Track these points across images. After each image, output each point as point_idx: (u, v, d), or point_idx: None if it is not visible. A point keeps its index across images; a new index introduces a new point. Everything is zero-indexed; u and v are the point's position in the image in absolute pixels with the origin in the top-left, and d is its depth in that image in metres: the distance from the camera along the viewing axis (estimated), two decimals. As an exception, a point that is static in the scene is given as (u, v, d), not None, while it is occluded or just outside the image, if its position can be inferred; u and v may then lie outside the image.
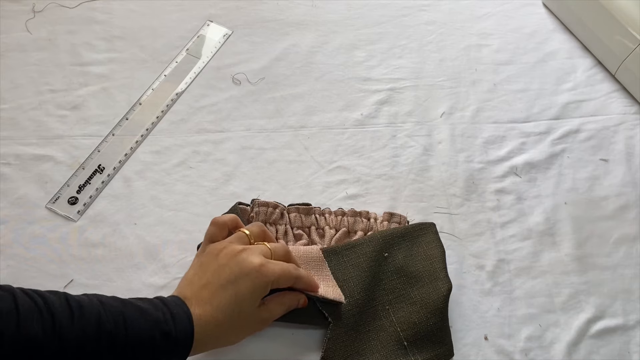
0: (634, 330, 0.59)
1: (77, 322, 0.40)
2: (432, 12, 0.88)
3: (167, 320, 0.44)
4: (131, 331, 0.42)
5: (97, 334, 0.41)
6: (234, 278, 0.47)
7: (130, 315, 0.43)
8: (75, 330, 0.40)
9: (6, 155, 0.66)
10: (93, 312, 0.42)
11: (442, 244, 0.59)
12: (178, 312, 0.45)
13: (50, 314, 0.40)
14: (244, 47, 0.80)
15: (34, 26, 0.79)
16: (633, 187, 0.70)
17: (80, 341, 0.40)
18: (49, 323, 0.39)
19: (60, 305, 0.41)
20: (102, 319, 0.42)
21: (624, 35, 0.76)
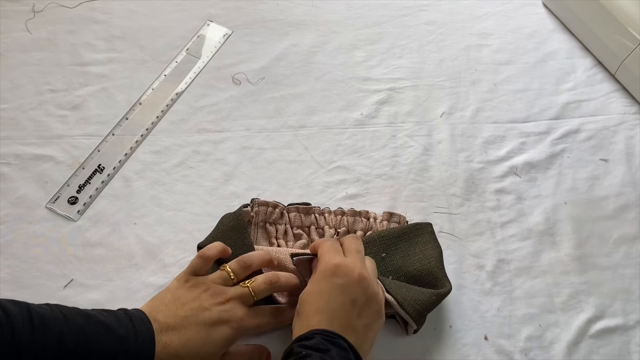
0: (634, 330, 0.59)
1: (38, 337, 0.40)
2: (432, 12, 0.88)
3: (129, 337, 0.44)
4: (93, 349, 0.42)
5: (57, 350, 0.40)
6: (213, 323, 0.47)
7: (93, 332, 0.43)
8: (34, 345, 0.39)
9: (6, 155, 0.66)
10: (55, 328, 0.41)
11: (439, 244, 0.59)
12: (141, 330, 0.45)
13: (10, 329, 0.39)
14: (244, 47, 0.80)
15: (34, 26, 0.79)
16: (633, 187, 0.70)
17: (38, 356, 0.39)
18: (7, 336, 0.38)
19: (22, 319, 0.40)
20: (64, 336, 0.41)
21: (624, 35, 0.76)
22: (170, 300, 0.49)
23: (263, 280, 0.51)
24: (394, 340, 0.56)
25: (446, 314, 0.58)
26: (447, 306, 0.59)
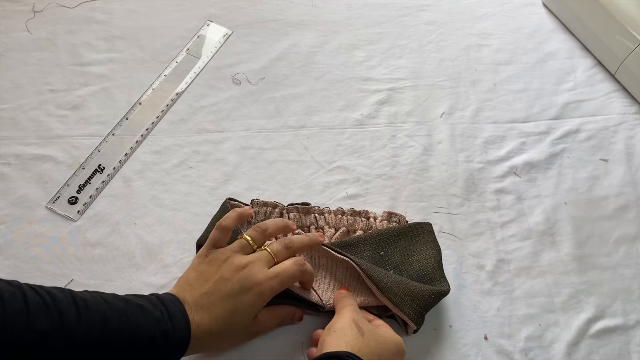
0: (633, 330, 0.59)
1: (84, 320, 0.41)
2: (432, 12, 0.88)
3: (165, 319, 0.45)
4: (134, 329, 0.43)
5: (103, 332, 0.42)
6: (236, 293, 0.48)
7: (133, 314, 0.44)
8: (81, 328, 0.41)
9: (6, 155, 0.66)
10: (98, 310, 0.43)
11: (438, 245, 0.59)
12: (175, 312, 0.46)
13: (58, 312, 0.40)
14: (244, 47, 0.80)
15: (34, 26, 0.79)
16: (633, 187, 0.70)
17: (86, 338, 0.41)
18: (57, 321, 0.40)
19: (68, 304, 0.42)
20: (107, 317, 0.42)
21: (624, 35, 0.76)
22: (194, 279, 0.50)
23: (278, 243, 0.53)
24: (394, 340, 0.56)
25: (446, 314, 0.58)
26: (447, 306, 0.59)
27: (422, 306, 0.53)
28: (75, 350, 0.40)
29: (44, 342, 0.39)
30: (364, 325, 0.49)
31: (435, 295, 0.54)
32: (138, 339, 0.43)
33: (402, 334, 0.56)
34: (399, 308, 0.52)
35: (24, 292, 0.40)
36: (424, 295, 0.53)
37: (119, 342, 0.42)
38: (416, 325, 0.53)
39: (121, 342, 0.43)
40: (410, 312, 0.52)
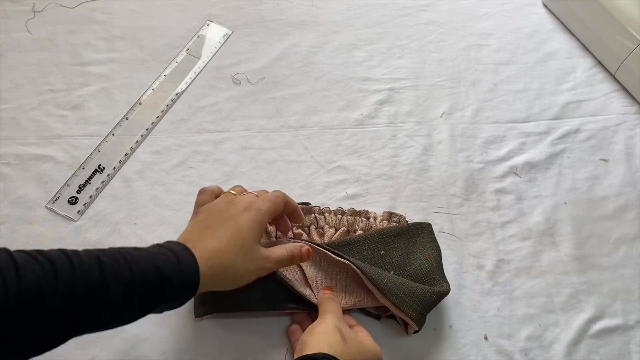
0: (633, 330, 0.59)
1: (77, 265, 0.39)
2: (432, 12, 0.88)
3: (167, 254, 0.44)
4: (135, 268, 0.41)
5: (101, 274, 0.40)
6: (232, 215, 0.49)
7: (130, 254, 0.42)
8: (76, 272, 0.39)
9: (6, 155, 0.66)
10: (92, 254, 0.41)
11: (438, 245, 0.59)
12: (175, 247, 0.45)
13: (49, 261, 0.39)
14: (244, 47, 0.80)
15: (34, 26, 0.79)
16: (633, 187, 0.70)
17: (85, 280, 0.39)
18: (49, 270, 0.38)
19: (56, 254, 0.40)
20: (103, 261, 0.40)
21: (624, 35, 0.77)
22: (190, 229, 0.50)
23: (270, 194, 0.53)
24: (394, 340, 0.56)
25: (446, 314, 0.58)
26: (447, 306, 0.59)
27: (423, 307, 0.53)
28: (75, 297, 0.38)
29: (37, 290, 0.37)
30: (346, 332, 0.49)
31: (435, 296, 0.54)
32: (143, 274, 0.41)
33: (402, 334, 0.56)
34: (401, 309, 0.52)
35: (7, 251, 0.38)
36: (424, 296, 0.53)
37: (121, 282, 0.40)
38: (418, 326, 0.53)
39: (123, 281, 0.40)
40: (412, 313, 0.52)
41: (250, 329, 0.56)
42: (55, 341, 0.39)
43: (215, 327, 0.56)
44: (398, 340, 0.56)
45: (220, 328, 0.55)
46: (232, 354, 0.54)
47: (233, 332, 0.55)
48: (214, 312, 0.54)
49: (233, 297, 0.54)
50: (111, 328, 0.43)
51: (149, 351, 0.54)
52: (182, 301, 0.45)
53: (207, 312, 0.54)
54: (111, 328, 0.43)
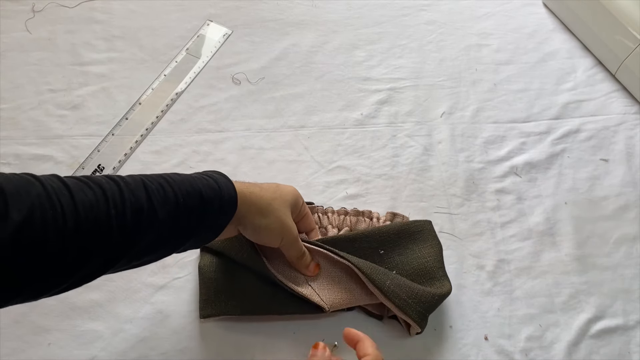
0: (634, 330, 0.59)
1: (124, 187, 0.40)
2: (432, 12, 0.88)
3: (207, 178, 0.46)
4: (177, 188, 0.43)
5: (147, 194, 0.41)
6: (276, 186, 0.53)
7: (171, 177, 0.44)
8: (124, 195, 0.40)
9: (6, 155, 0.66)
10: (136, 179, 0.42)
11: (438, 242, 0.59)
12: (214, 175, 0.47)
13: (97, 185, 0.40)
14: (243, 46, 0.80)
15: (34, 26, 0.79)
16: (633, 187, 0.70)
17: (132, 203, 0.40)
18: (99, 192, 0.39)
19: (103, 178, 0.41)
20: (148, 185, 0.42)
21: (624, 35, 0.76)
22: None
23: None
24: (395, 340, 0.56)
25: (446, 314, 0.58)
26: (447, 306, 0.59)
27: (425, 309, 0.53)
28: (125, 217, 0.39)
29: (91, 211, 0.38)
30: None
31: (438, 297, 0.54)
32: (185, 195, 0.43)
33: (403, 335, 0.56)
34: (404, 312, 0.52)
35: (57, 176, 0.39)
36: (427, 298, 0.53)
37: (166, 201, 0.42)
38: (420, 328, 0.53)
39: (168, 201, 0.42)
40: (415, 316, 0.52)
41: (250, 329, 0.55)
42: (107, 265, 0.40)
43: (215, 327, 0.56)
44: (399, 341, 0.56)
45: (220, 328, 0.55)
46: (232, 354, 0.54)
47: (233, 332, 0.55)
48: (220, 315, 0.55)
49: (239, 300, 0.54)
50: (154, 259, 0.44)
51: (149, 351, 0.54)
52: (219, 227, 0.47)
53: (213, 314, 0.54)
54: (154, 259, 0.44)
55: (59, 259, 0.36)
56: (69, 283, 0.39)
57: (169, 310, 0.57)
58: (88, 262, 0.38)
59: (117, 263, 0.40)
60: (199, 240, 0.47)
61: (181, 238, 0.44)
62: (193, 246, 0.47)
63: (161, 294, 0.58)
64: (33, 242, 0.34)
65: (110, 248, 0.39)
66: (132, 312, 0.56)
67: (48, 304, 0.56)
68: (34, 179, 0.37)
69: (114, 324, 0.55)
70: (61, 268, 0.37)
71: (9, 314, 0.55)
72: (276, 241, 0.52)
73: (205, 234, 0.47)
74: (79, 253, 0.37)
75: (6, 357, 0.53)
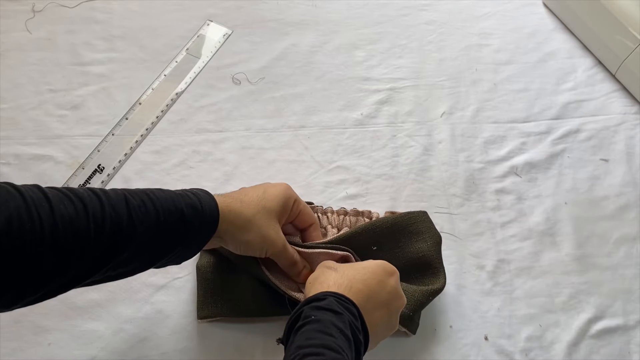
0: (634, 330, 0.59)
1: (106, 202, 0.40)
2: (432, 12, 0.88)
3: (190, 197, 0.45)
4: (159, 205, 0.43)
5: (127, 210, 0.41)
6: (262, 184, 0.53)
7: (154, 192, 0.44)
8: (105, 210, 0.40)
9: (6, 155, 0.66)
10: (118, 193, 0.42)
11: (435, 233, 0.58)
12: (198, 192, 0.47)
13: (78, 198, 0.39)
14: (243, 46, 0.80)
15: (34, 26, 0.79)
16: (633, 187, 0.69)
17: (113, 218, 0.40)
18: (80, 205, 0.39)
19: (85, 192, 0.41)
20: (130, 201, 0.42)
21: (624, 35, 0.76)
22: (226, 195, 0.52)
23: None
24: (394, 340, 0.56)
25: (446, 314, 0.58)
26: (447, 306, 0.59)
27: (409, 308, 0.52)
28: (104, 231, 0.39)
29: (70, 225, 0.38)
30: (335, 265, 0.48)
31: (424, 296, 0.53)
32: (166, 213, 0.43)
33: (403, 335, 0.56)
34: None
35: (39, 187, 0.39)
36: (414, 297, 0.53)
37: (147, 219, 0.42)
38: (405, 328, 0.53)
39: (149, 218, 0.42)
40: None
41: (250, 329, 0.56)
42: (83, 277, 0.40)
43: (215, 327, 0.56)
44: (398, 340, 0.56)
45: (220, 328, 0.55)
46: (232, 354, 0.54)
47: (233, 332, 0.55)
48: (216, 317, 0.55)
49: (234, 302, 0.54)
50: (131, 273, 0.44)
51: (149, 351, 0.54)
52: (198, 245, 0.46)
53: (210, 315, 0.54)
54: (131, 273, 0.44)
55: (34, 271, 0.36)
56: (42, 293, 0.38)
57: (169, 310, 0.57)
58: (63, 275, 0.38)
59: (92, 276, 0.40)
60: (177, 257, 0.46)
61: (159, 254, 0.44)
62: (171, 262, 0.46)
63: (161, 294, 0.58)
64: (8, 253, 0.35)
65: (86, 261, 0.39)
66: (132, 312, 0.56)
67: (48, 304, 0.55)
68: (14, 190, 0.37)
69: (114, 324, 0.55)
70: (36, 279, 0.37)
71: (9, 314, 0.55)
72: (260, 253, 0.51)
73: (184, 252, 0.46)
74: (55, 266, 0.37)
75: (6, 357, 0.53)
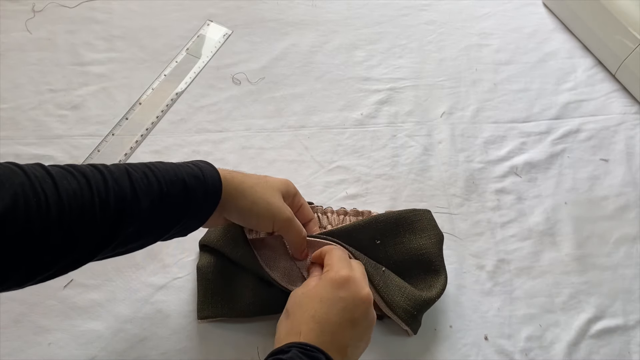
0: (634, 330, 0.59)
1: (110, 180, 0.40)
2: (432, 12, 0.88)
3: (192, 167, 0.45)
4: (161, 177, 0.43)
5: (131, 188, 0.41)
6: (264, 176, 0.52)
7: (155, 165, 0.44)
8: (108, 183, 0.40)
9: (6, 155, 0.66)
10: (120, 168, 0.42)
11: (438, 232, 0.58)
12: (199, 163, 0.47)
13: (81, 174, 0.40)
14: (243, 46, 0.80)
15: (34, 26, 0.79)
16: (633, 187, 0.69)
17: (117, 192, 0.40)
18: (83, 180, 0.39)
19: (87, 168, 0.41)
20: (132, 174, 0.42)
21: (624, 35, 0.76)
22: None
23: None
24: (394, 340, 0.56)
25: (446, 314, 0.58)
26: (447, 306, 0.59)
27: (414, 307, 0.53)
28: (109, 205, 0.39)
29: (75, 200, 0.38)
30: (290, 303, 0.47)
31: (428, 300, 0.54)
32: (169, 184, 0.43)
33: (403, 334, 0.56)
34: (391, 308, 0.52)
35: (41, 165, 0.39)
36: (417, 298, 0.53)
37: (150, 190, 0.42)
38: (408, 327, 0.53)
39: (151, 190, 0.42)
40: (403, 314, 0.52)
41: (250, 329, 0.55)
42: (91, 253, 0.40)
43: (215, 327, 0.56)
44: (398, 340, 0.56)
45: (220, 328, 0.55)
46: (232, 354, 0.54)
47: (233, 332, 0.55)
48: (216, 317, 0.55)
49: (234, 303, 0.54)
50: (140, 247, 0.44)
51: (149, 351, 0.54)
52: (204, 215, 0.46)
53: (210, 316, 0.54)
54: (140, 247, 0.44)
55: (43, 247, 0.36)
56: (53, 270, 0.39)
57: (169, 310, 0.57)
58: (72, 251, 0.38)
59: (102, 251, 0.41)
60: (184, 229, 0.46)
61: (165, 226, 0.44)
62: (179, 234, 0.47)
63: (161, 294, 0.58)
64: (16, 230, 0.35)
65: (94, 236, 0.39)
66: (132, 312, 0.56)
67: (48, 304, 0.56)
68: (17, 168, 0.37)
69: (114, 324, 0.55)
70: (45, 256, 0.37)
71: (9, 314, 0.55)
72: (267, 224, 0.50)
73: (190, 222, 0.46)
74: (63, 241, 0.37)
75: (6, 357, 0.53)
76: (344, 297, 0.45)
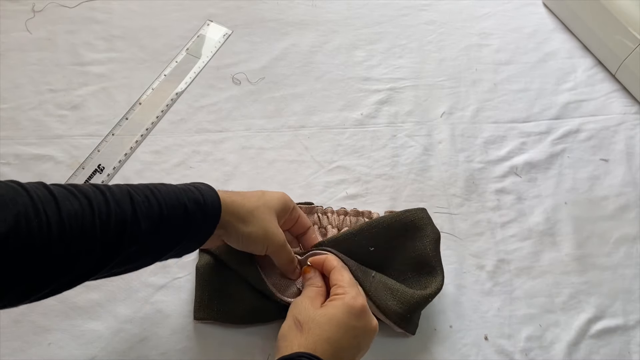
0: (634, 330, 0.59)
1: (111, 199, 0.41)
2: (432, 12, 0.88)
3: (193, 190, 0.46)
4: (162, 200, 0.43)
5: (133, 211, 0.41)
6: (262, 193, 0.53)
7: (157, 188, 0.44)
8: (110, 205, 0.40)
9: (6, 155, 0.66)
10: (122, 189, 0.43)
11: (434, 230, 0.57)
12: (200, 186, 0.47)
13: (83, 195, 0.40)
14: (243, 46, 0.80)
15: (34, 26, 0.79)
16: (633, 187, 0.70)
17: (117, 214, 0.40)
18: (85, 202, 0.39)
19: (90, 188, 0.41)
20: (134, 196, 0.42)
21: (624, 35, 0.76)
22: None
23: None
24: (394, 340, 0.56)
25: (446, 314, 0.58)
26: (447, 306, 0.59)
27: (407, 310, 0.52)
28: (109, 227, 0.40)
29: (76, 221, 0.38)
30: (303, 316, 0.47)
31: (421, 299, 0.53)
32: (170, 208, 0.43)
33: (403, 334, 0.56)
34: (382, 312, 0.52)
35: (45, 185, 0.39)
36: (408, 299, 0.53)
37: (151, 213, 0.42)
38: (400, 328, 0.53)
39: (152, 213, 0.42)
40: (394, 317, 0.52)
41: (250, 329, 0.56)
42: (88, 274, 0.41)
43: (214, 327, 0.56)
44: (398, 340, 0.56)
45: (220, 328, 0.55)
46: (232, 354, 0.54)
47: (232, 332, 0.55)
48: (211, 320, 0.55)
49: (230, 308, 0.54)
50: (136, 268, 0.44)
51: (149, 351, 0.54)
52: (202, 238, 0.47)
53: (206, 317, 0.54)
54: (136, 268, 0.44)
55: (43, 268, 0.37)
56: (50, 289, 0.39)
57: (168, 310, 0.57)
58: (71, 271, 0.39)
59: (100, 271, 0.41)
60: (182, 250, 0.47)
61: (163, 249, 0.45)
62: (176, 256, 0.47)
63: (161, 294, 0.58)
64: (18, 250, 0.35)
65: (93, 257, 0.39)
66: (132, 312, 0.56)
67: (48, 304, 0.56)
68: (21, 188, 0.37)
69: (114, 324, 0.55)
70: (44, 276, 0.37)
71: (9, 314, 0.55)
72: (261, 249, 0.51)
73: (188, 245, 0.47)
74: (62, 262, 0.38)
75: (6, 357, 0.53)
76: (358, 327, 0.47)
